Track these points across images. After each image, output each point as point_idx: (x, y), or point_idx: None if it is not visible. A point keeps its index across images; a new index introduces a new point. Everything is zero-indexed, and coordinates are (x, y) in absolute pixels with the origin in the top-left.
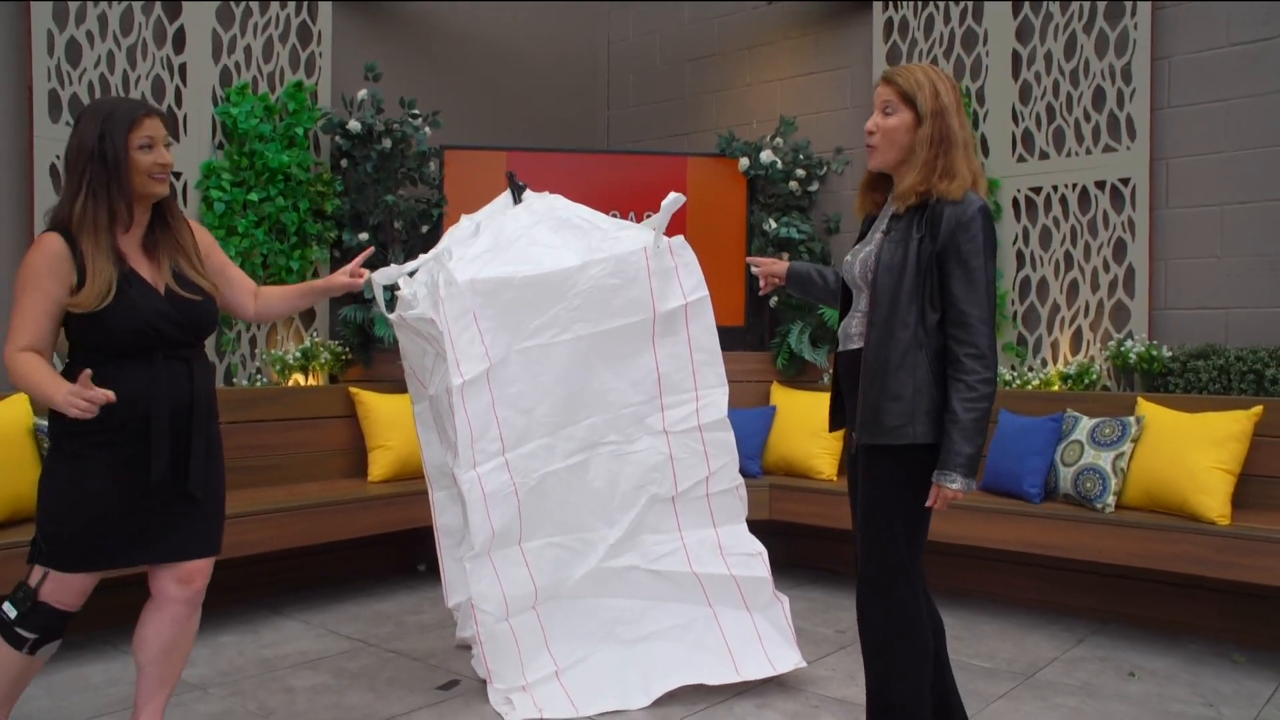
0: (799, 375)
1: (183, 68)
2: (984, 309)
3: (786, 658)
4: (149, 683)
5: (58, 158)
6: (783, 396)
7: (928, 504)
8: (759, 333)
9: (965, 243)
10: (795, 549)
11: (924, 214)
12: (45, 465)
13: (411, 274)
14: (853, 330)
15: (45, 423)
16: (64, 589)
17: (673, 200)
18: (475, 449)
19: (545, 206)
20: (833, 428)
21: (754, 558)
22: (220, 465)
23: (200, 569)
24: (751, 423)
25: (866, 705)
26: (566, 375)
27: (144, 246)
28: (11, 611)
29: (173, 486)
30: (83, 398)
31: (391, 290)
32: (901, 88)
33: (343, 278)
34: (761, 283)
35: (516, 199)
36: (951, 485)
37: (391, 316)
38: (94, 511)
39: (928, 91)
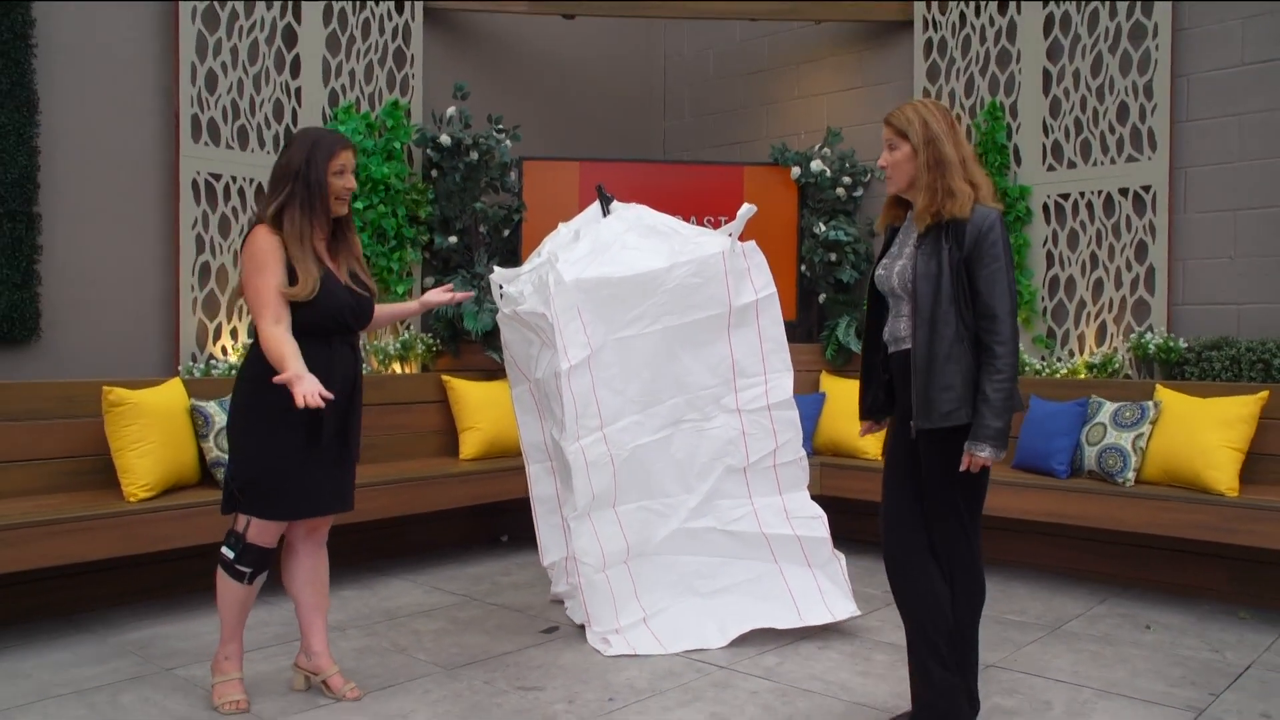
0: (846, 365)
1: (298, 91)
2: (1007, 303)
3: (844, 607)
4: (307, 610)
5: (198, 173)
6: (831, 384)
7: (960, 469)
8: (809, 326)
9: (987, 249)
10: (842, 523)
11: (949, 229)
12: (238, 426)
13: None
14: (901, 333)
15: (202, 404)
16: (264, 532)
17: (746, 210)
18: (579, 424)
19: (634, 215)
20: (869, 416)
21: (815, 520)
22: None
23: (327, 521)
24: (803, 408)
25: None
26: (653, 361)
27: (329, 250)
28: (230, 553)
29: (335, 448)
30: (320, 394)
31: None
32: (896, 126)
33: (442, 296)
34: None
35: (605, 209)
36: (981, 454)
37: (505, 311)
38: (286, 463)
39: (917, 126)
